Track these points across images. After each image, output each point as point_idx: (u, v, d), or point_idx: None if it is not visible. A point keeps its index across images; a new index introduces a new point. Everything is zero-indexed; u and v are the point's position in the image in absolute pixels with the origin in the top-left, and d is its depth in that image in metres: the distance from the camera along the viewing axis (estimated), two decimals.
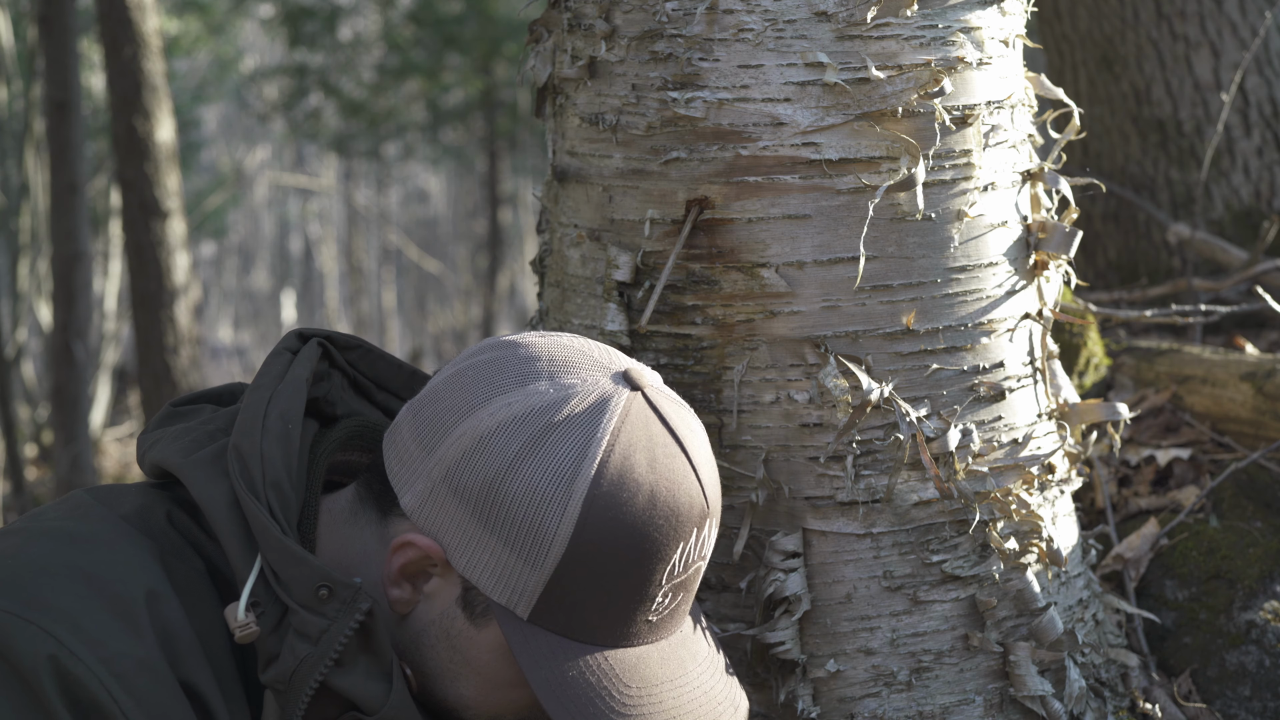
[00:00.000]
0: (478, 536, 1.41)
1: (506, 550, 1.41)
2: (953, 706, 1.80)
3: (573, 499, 1.38)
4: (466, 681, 1.49)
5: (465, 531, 1.42)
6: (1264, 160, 3.52)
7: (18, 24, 10.55)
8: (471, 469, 1.41)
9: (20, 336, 9.62)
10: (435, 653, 1.49)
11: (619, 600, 1.42)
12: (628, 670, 1.43)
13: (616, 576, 1.40)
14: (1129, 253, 3.61)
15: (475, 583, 1.43)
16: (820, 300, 1.75)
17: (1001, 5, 1.83)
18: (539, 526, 1.39)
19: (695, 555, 1.44)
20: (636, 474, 1.40)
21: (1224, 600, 2.07)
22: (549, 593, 1.40)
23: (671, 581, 1.43)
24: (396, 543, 1.45)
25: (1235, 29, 3.51)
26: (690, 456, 1.43)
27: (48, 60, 6.69)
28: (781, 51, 1.73)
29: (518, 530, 1.40)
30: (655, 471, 1.41)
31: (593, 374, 1.43)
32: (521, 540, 1.40)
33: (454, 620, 1.47)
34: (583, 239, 1.87)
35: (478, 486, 1.41)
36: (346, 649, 1.43)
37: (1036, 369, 1.88)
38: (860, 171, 1.74)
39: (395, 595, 1.47)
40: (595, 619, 1.42)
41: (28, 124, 9.41)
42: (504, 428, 1.40)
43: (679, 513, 1.41)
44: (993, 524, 1.80)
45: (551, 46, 1.89)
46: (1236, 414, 2.43)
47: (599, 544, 1.39)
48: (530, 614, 1.42)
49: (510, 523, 1.40)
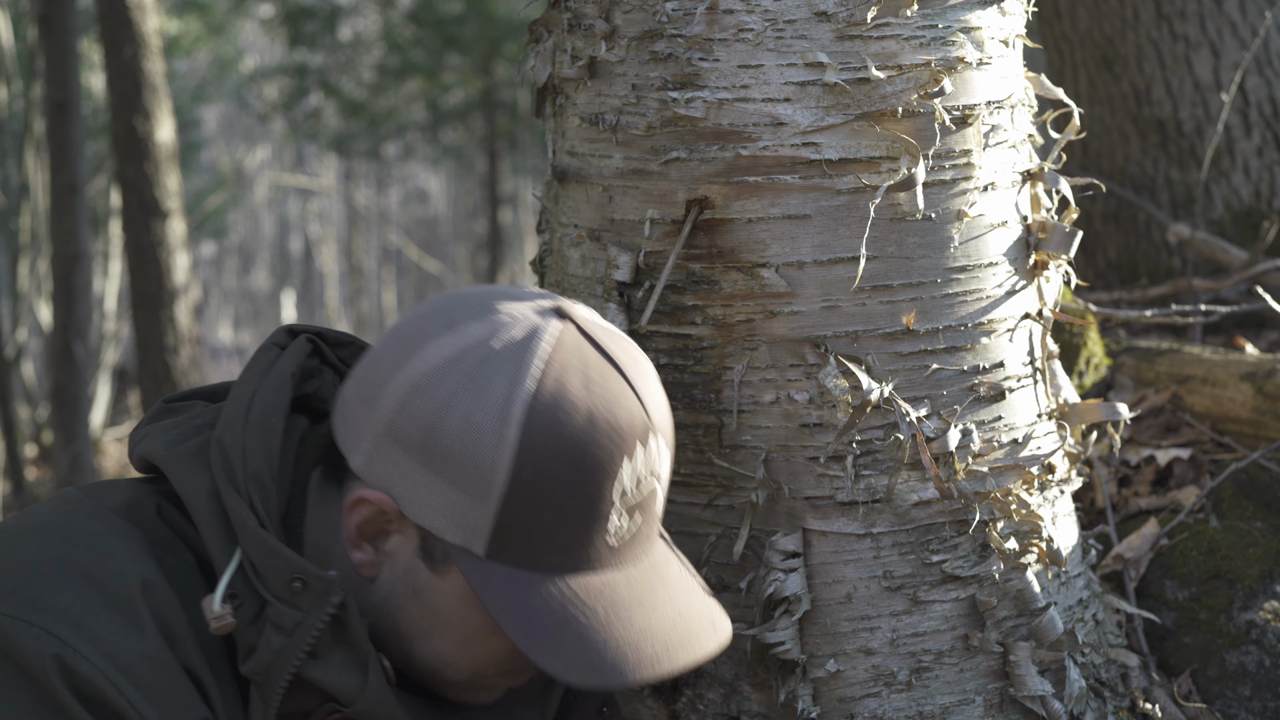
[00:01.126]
0: (424, 481, 1.41)
1: (453, 489, 1.40)
2: (953, 706, 1.80)
3: (510, 426, 1.38)
4: (441, 636, 1.48)
5: (412, 479, 1.42)
6: (1264, 160, 3.52)
7: (18, 24, 10.55)
8: (410, 416, 1.41)
9: (20, 336, 9.62)
10: (406, 612, 1.48)
11: (572, 523, 1.40)
12: (592, 594, 1.41)
13: (564, 498, 1.39)
14: (1129, 253, 3.61)
15: (429, 528, 1.42)
16: (820, 300, 1.75)
17: (1001, 5, 1.83)
18: (480, 459, 1.39)
19: (646, 473, 1.43)
20: (571, 395, 1.39)
21: (1224, 600, 2.07)
22: (501, 525, 1.40)
23: (625, 502, 1.42)
24: (349, 502, 1.44)
25: (1235, 29, 3.51)
26: (627, 377, 1.42)
27: (48, 60, 6.69)
28: (781, 51, 1.73)
29: (460, 467, 1.39)
30: (591, 392, 1.40)
31: (522, 310, 1.43)
32: (465, 476, 1.39)
33: (417, 574, 1.46)
34: (583, 239, 1.87)
35: (417, 431, 1.41)
36: (320, 641, 1.43)
37: (1036, 369, 1.88)
38: (860, 171, 1.74)
39: (358, 559, 1.47)
40: (551, 546, 1.41)
41: (28, 124, 9.41)
42: (437, 370, 1.41)
43: (619, 429, 1.40)
44: (993, 524, 1.80)
45: (551, 46, 1.90)
46: (1236, 414, 2.43)
47: (541, 468, 1.38)
48: (487, 550, 1.41)
49: (452, 461, 1.40)
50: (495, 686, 1.54)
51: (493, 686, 1.54)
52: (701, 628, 1.45)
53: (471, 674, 1.51)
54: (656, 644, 1.42)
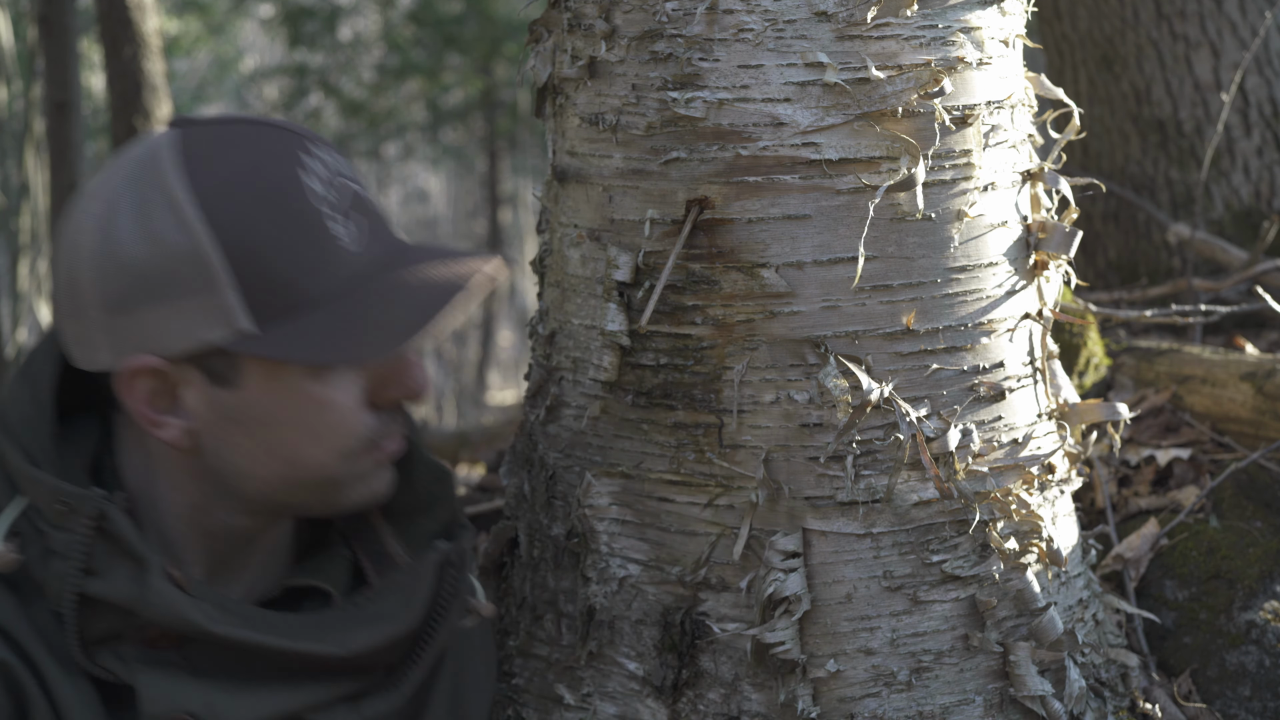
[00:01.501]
0: (163, 315, 1.42)
1: (187, 298, 1.41)
2: (953, 706, 1.80)
3: (183, 208, 1.40)
4: (284, 442, 1.46)
5: (152, 325, 1.42)
6: (1264, 160, 3.52)
7: (18, 24, 10.55)
8: (108, 280, 1.42)
9: (20, 336, 9.62)
10: (242, 448, 1.47)
11: (299, 244, 1.42)
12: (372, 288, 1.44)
13: (274, 226, 1.41)
14: (1129, 253, 3.61)
15: (197, 346, 1.42)
16: (820, 300, 1.75)
17: (1001, 5, 1.83)
18: (183, 254, 1.40)
19: (331, 175, 1.45)
20: (217, 151, 1.43)
21: (1224, 600, 2.07)
22: (245, 289, 1.40)
23: (333, 206, 1.44)
24: (124, 389, 1.45)
25: (1235, 29, 3.51)
26: (250, 121, 1.47)
27: (48, 60, 6.69)
28: (781, 51, 1.73)
29: (175, 276, 1.40)
30: (232, 142, 1.44)
31: (133, 146, 1.47)
32: (185, 279, 1.40)
33: (223, 403, 1.45)
34: (583, 239, 1.87)
35: (123, 285, 1.41)
36: (95, 556, 1.42)
37: (1036, 369, 1.88)
38: (860, 171, 1.74)
39: (169, 436, 1.46)
40: (299, 274, 1.42)
41: (28, 124, 9.41)
42: (99, 229, 1.43)
43: (274, 148, 1.44)
44: (993, 524, 1.80)
45: (551, 46, 1.89)
46: (1236, 414, 2.43)
47: (234, 216, 1.40)
48: (254, 318, 1.41)
49: (166, 278, 1.41)
50: (375, 465, 1.52)
51: (373, 467, 1.52)
52: (477, 259, 1.49)
53: (339, 459, 1.48)
54: (446, 279, 1.46)
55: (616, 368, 1.83)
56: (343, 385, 1.46)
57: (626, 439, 1.85)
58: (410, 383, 1.50)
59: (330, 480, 1.49)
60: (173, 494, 1.50)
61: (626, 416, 1.84)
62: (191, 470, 1.49)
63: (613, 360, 1.83)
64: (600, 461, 1.87)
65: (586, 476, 1.87)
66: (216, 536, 1.53)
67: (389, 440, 1.52)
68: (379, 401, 1.50)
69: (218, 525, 1.52)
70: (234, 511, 1.51)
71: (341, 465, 1.49)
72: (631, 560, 1.85)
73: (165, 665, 1.44)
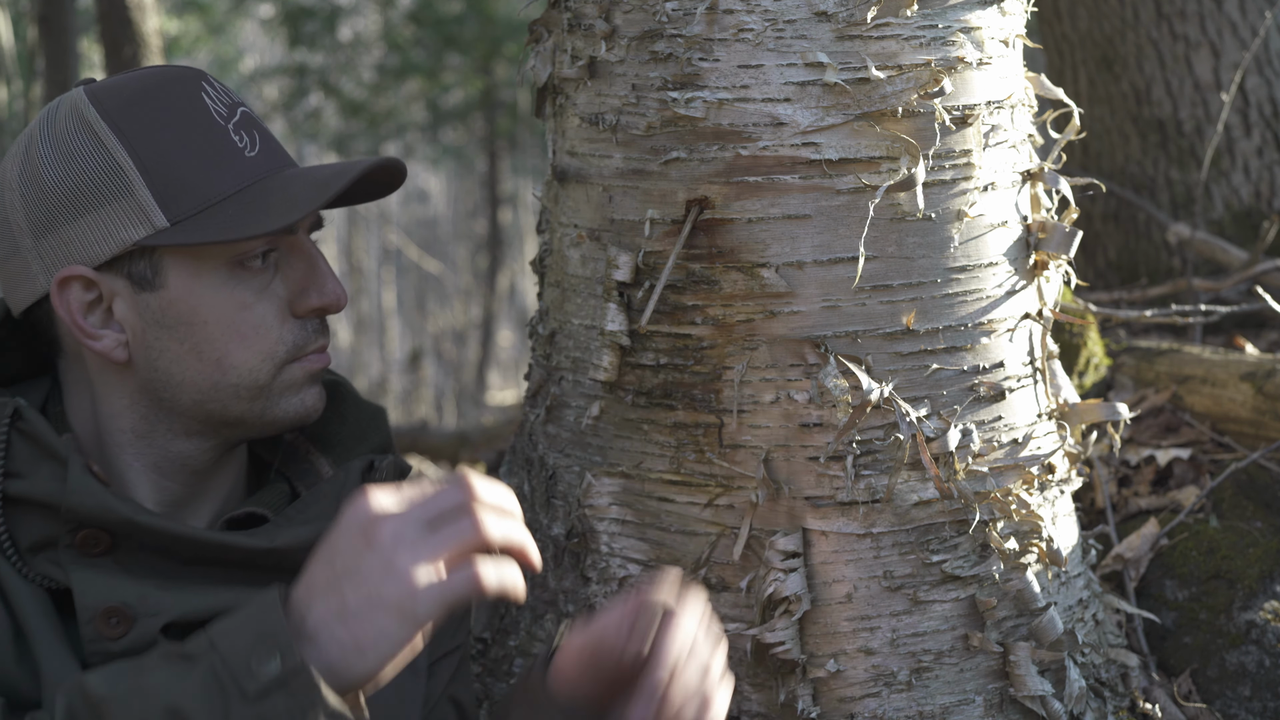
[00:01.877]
0: (86, 227, 1.53)
1: (108, 205, 1.52)
2: (953, 706, 1.80)
3: (96, 124, 1.53)
4: (212, 343, 1.55)
5: (77, 237, 1.53)
6: (1264, 160, 3.52)
7: (18, 24, 10.55)
8: (31, 205, 1.54)
9: None
10: (171, 352, 1.55)
11: (204, 147, 1.54)
12: (268, 183, 1.55)
13: (177, 133, 1.54)
14: (1129, 253, 3.61)
15: (120, 247, 1.52)
16: (820, 300, 1.75)
17: (1001, 5, 1.83)
18: (97, 166, 1.52)
19: (229, 100, 1.59)
20: (121, 78, 1.58)
21: (1224, 600, 2.07)
22: (156, 186, 1.52)
23: (232, 121, 1.57)
24: (56, 308, 1.54)
25: (1235, 29, 3.51)
26: (150, 66, 1.63)
27: (48, 60, 6.68)
28: (781, 51, 1.73)
29: (92, 186, 1.52)
30: (135, 75, 1.59)
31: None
32: (102, 187, 1.52)
33: (149, 307, 1.55)
34: (583, 239, 1.87)
35: (48, 204, 1.54)
36: (14, 456, 1.49)
37: (1036, 369, 1.88)
38: (860, 171, 1.74)
39: (104, 347, 1.54)
40: (204, 174, 1.53)
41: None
42: (20, 163, 1.57)
43: (173, 75, 1.58)
44: (993, 524, 1.80)
45: (551, 46, 1.89)
46: (1236, 414, 2.43)
47: (142, 125, 1.53)
48: (169, 215, 1.52)
49: (85, 189, 1.52)
50: (305, 376, 1.59)
51: (303, 378, 1.59)
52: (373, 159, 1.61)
53: (266, 363, 1.56)
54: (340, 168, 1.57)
55: (616, 368, 1.83)
56: (260, 287, 1.56)
57: (626, 439, 1.85)
58: (325, 290, 1.59)
59: (260, 388, 1.56)
60: (116, 423, 1.57)
61: (626, 416, 1.84)
62: (130, 391, 1.56)
63: (613, 360, 1.83)
64: (600, 461, 1.87)
65: (586, 476, 1.87)
66: (164, 471, 1.58)
67: (314, 352, 1.60)
68: (299, 311, 1.58)
69: (163, 455, 1.57)
70: (175, 434, 1.57)
71: (269, 371, 1.57)
72: (632, 560, 1.85)
73: (98, 566, 1.48)
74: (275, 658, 1.26)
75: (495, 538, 1.30)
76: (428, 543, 1.30)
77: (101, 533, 1.47)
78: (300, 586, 1.32)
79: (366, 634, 1.28)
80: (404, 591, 1.28)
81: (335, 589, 1.30)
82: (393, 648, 1.29)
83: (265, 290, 1.56)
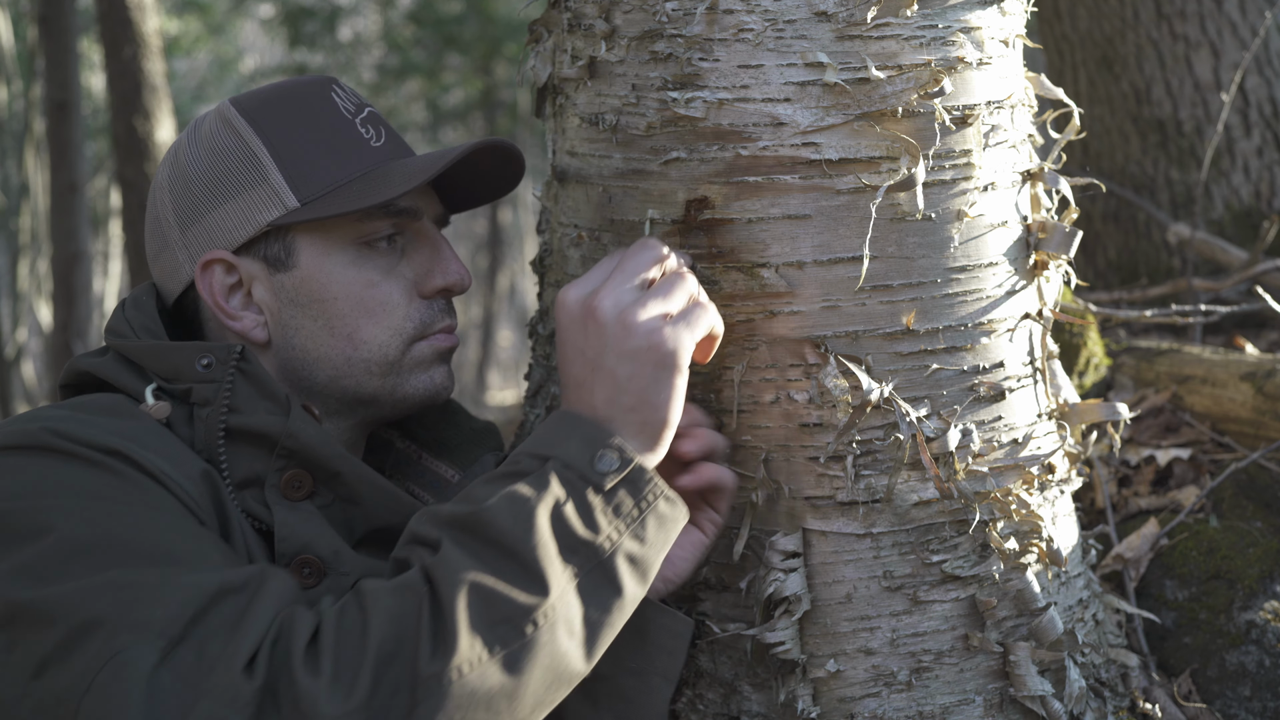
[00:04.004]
0: (227, 214, 1.67)
1: (248, 191, 1.66)
2: (953, 706, 1.80)
3: (236, 121, 1.69)
4: (343, 319, 1.66)
5: (218, 225, 1.67)
6: (1264, 160, 3.52)
7: (18, 24, 10.56)
8: (178, 200, 1.70)
9: (20, 336, 9.62)
10: (305, 330, 1.67)
11: (333, 138, 1.69)
12: (390, 165, 1.70)
13: (308, 125, 1.69)
14: (1129, 253, 3.61)
15: (257, 229, 1.66)
16: (820, 300, 1.75)
17: (1001, 5, 1.83)
18: (236, 155, 1.67)
19: (357, 102, 1.75)
20: (256, 90, 1.75)
21: (1224, 600, 2.07)
22: (288, 171, 1.66)
23: (359, 117, 1.73)
24: (201, 285, 1.67)
25: (1235, 29, 3.51)
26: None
27: (48, 60, 6.69)
28: (781, 51, 1.73)
29: (232, 174, 1.67)
30: (271, 84, 1.76)
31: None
32: (242, 174, 1.67)
33: (284, 287, 1.68)
34: (583, 239, 1.87)
35: (192, 197, 1.68)
36: (236, 393, 1.59)
37: (1036, 369, 1.88)
38: (860, 171, 1.74)
39: (244, 326, 1.69)
40: (332, 160, 1.68)
41: (28, 124, 9.41)
42: (170, 163, 1.73)
43: (305, 81, 1.75)
44: (993, 524, 1.80)
45: (551, 46, 1.90)
46: (1236, 414, 2.43)
47: (278, 120, 1.68)
48: (299, 196, 1.66)
49: (225, 178, 1.67)
50: (434, 354, 1.71)
51: (432, 356, 1.71)
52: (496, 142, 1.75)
53: (396, 339, 1.68)
54: (459, 147, 1.70)
55: None
56: (386, 267, 1.69)
57: None
58: (449, 271, 1.72)
59: (390, 363, 1.69)
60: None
61: None
62: (270, 372, 1.66)
63: None
64: None
65: None
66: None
67: (441, 331, 1.72)
68: (425, 292, 1.72)
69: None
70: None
71: (398, 346, 1.68)
72: None
73: (299, 510, 1.59)
74: (609, 454, 1.46)
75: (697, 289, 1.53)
76: (648, 296, 1.51)
77: (305, 475, 1.59)
78: (569, 391, 1.51)
79: (645, 393, 1.49)
80: (650, 341, 1.48)
81: (598, 371, 1.49)
82: (671, 392, 1.50)
83: (392, 271, 1.70)
